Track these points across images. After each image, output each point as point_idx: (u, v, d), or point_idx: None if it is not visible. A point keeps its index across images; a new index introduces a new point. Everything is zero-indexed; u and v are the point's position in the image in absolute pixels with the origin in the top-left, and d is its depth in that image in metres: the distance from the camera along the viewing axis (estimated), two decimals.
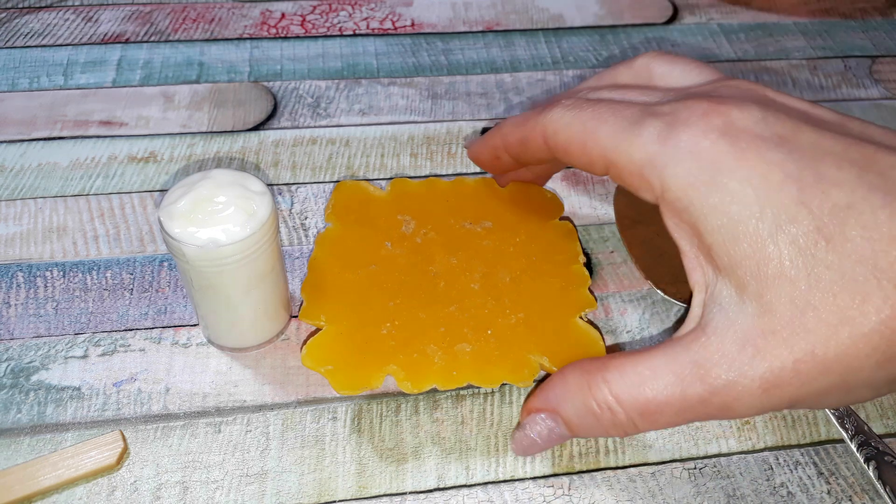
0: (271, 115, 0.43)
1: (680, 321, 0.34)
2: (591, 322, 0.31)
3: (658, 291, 0.35)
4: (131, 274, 0.35)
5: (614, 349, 0.33)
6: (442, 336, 0.30)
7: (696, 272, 0.25)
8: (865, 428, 0.30)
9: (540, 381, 0.30)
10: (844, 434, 0.30)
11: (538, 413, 0.27)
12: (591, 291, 0.32)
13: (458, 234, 0.34)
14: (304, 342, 0.30)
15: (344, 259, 0.32)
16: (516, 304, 0.31)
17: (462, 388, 0.31)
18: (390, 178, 0.37)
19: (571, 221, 0.35)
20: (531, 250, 0.33)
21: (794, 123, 0.24)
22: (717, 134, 0.24)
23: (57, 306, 0.33)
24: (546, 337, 0.30)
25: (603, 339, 0.31)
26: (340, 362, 0.29)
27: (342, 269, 0.32)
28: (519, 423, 0.28)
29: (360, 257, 0.32)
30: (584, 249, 0.35)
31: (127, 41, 0.47)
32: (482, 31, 0.49)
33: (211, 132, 0.41)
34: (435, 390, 0.29)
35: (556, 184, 0.39)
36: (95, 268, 0.35)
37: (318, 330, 0.30)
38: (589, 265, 0.36)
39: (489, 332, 0.30)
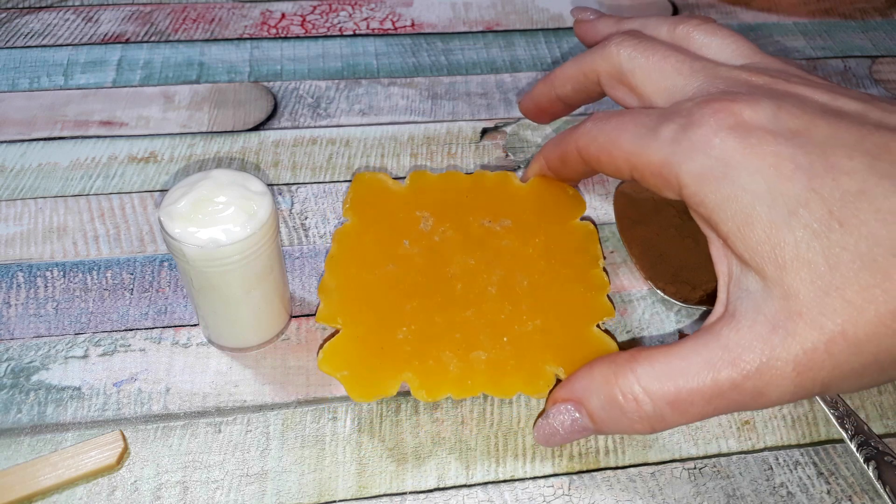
0: (271, 116, 0.43)
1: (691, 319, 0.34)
2: (607, 332, 0.30)
3: (658, 291, 0.35)
4: (131, 274, 0.35)
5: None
6: (458, 342, 0.30)
7: (721, 262, 0.26)
8: (865, 428, 0.30)
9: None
10: (844, 434, 0.30)
11: (563, 403, 0.27)
12: (610, 298, 0.32)
13: (476, 233, 0.33)
14: (321, 346, 0.30)
15: (361, 257, 0.32)
16: (533, 309, 0.31)
17: None
18: (396, 178, 0.37)
19: (593, 221, 0.35)
20: (551, 252, 0.33)
21: (808, 117, 0.25)
22: (726, 131, 0.25)
23: (57, 306, 0.33)
24: (562, 346, 0.30)
25: (619, 349, 0.30)
26: (356, 368, 0.29)
27: (359, 268, 0.32)
28: (543, 412, 0.28)
29: (377, 256, 0.32)
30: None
31: (127, 41, 0.47)
32: (482, 32, 0.49)
33: (211, 132, 0.41)
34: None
35: None
36: (96, 268, 0.35)
37: (334, 333, 0.30)
38: None
39: (505, 339, 0.30)
